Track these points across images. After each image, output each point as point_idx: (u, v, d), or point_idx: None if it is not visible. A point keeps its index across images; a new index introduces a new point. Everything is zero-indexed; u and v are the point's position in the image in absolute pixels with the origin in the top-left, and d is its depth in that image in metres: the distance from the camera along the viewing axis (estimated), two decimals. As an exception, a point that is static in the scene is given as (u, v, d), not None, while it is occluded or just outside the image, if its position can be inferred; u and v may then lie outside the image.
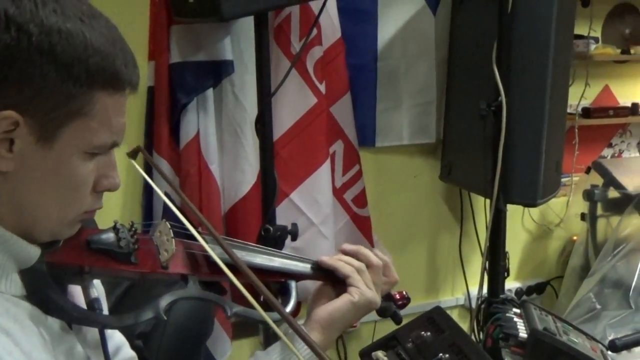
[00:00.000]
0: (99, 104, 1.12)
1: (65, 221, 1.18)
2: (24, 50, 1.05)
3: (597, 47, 3.79)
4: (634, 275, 3.37)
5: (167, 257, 1.27)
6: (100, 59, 1.10)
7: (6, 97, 1.07)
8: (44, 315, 1.18)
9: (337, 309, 1.50)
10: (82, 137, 1.12)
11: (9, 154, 1.08)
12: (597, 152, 3.91)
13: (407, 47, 3.26)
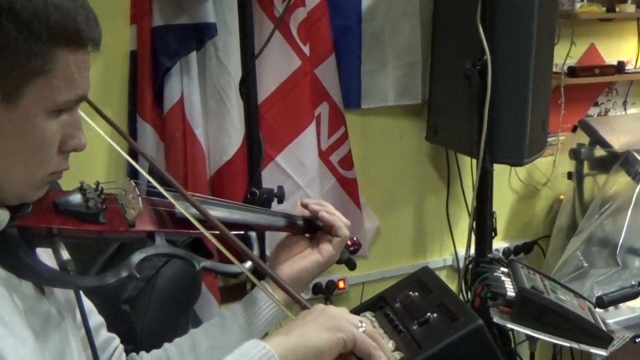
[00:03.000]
0: (61, 62, 1.11)
1: (32, 183, 1.18)
2: None
3: (582, 5, 3.78)
4: (620, 233, 3.39)
5: (133, 216, 1.27)
6: (61, 16, 1.10)
7: None
8: (17, 280, 1.18)
9: (304, 268, 1.56)
10: (45, 95, 1.12)
11: None
12: (583, 111, 3.91)
13: (392, 7, 3.25)
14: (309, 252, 1.56)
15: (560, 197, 3.81)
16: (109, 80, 2.82)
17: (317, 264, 1.54)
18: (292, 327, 1.22)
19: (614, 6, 3.86)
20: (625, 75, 3.95)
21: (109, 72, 2.81)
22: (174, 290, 2.05)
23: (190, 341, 1.53)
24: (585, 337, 2.38)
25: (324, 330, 1.21)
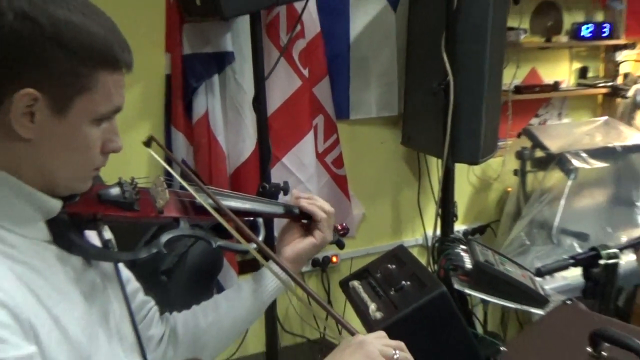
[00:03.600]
0: (101, 81, 1.11)
1: (79, 178, 1.19)
2: (37, 39, 1.05)
3: (526, 36, 3.79)
4: (555, 218, 3.42)
5: (162, 205, 1.28)
6: (101, 45, 1.10)
7: (26, 78, 1.06)
8: (68, 255, 1.18)
9: (302, 249, 1.55)
10: (88, 107, 1.11)
11: (30, 124, 1.08)
12: (526, 120, 3.92)
13: (373, 38, 3.25)
14: (306, 236, 1.56)
15: (507, 189, 3.82)
16: (150, 97, 2.82)
17: (312, 245, 1.54)
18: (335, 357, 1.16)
19: (551, 37, 3.87)
20: (559, 92, 3.96)
21: (149, 91, 2.81)
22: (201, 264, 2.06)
23: (213, 303, 1.53)
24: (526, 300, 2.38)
25: None
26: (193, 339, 1.50)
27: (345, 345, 1.17)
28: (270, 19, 2.87)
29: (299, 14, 2.86)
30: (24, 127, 1.08)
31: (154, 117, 2.83)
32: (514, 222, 3.59)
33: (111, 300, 1.29)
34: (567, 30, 3.95)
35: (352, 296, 2.28)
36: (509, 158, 3.76)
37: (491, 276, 2.46)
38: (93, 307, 1.22)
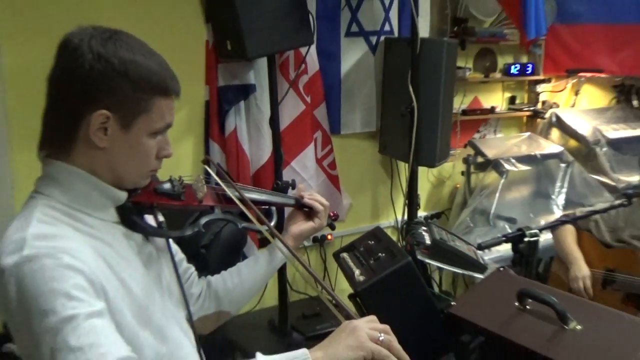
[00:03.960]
0: (157, 105, 1.13)
1: (140, 176, 1.21)
2: (109, 74, 1.07)
3: (470, 73, 3.78)
4: (492, 207, 3.42)
5: (201, 196, 1.31)
6: (157, 77, 1.12)
7: (101, 102, 1.08)
8: (131, 233, 1.21)
9: (305, 230, 1.56)
10: (147, 124, 1.13)
11: (104, 136, 1.10)
12: (470, 135, 3.91)
13: (358, 74, 3.24)
14: (307, 221, 1.56)
15: (457, 185, 3.82)
16: (194, 118, 2.81)
17: (312, 228, 1.56)
18: (328, 345, 1.10)
19: (488, 74, 3.88)
20: (495, 114, 3.97)
21: (194, 113, 2.81)
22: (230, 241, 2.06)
23: (237, 269, 1.54)
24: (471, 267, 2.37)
25: (350, 350, 1.08)
26: (222, 296, 1.50)
27: (341, 330, 1.13)
28: (282, 60, 2.86)
29: (303, 56, 2.86)
30: (99, 138, 1.10)
31: (197, 132, 2.82)
32: (461, 210, 3.59)
33: (163, 267, 1.30)
34: (500, 69, 3.95)
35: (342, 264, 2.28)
36: (457, 162, 3.75)
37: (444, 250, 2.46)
38: (150, 272, 1.23)
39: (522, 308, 1.58)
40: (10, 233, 1.05)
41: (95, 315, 0.99)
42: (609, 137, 3.96)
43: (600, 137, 3.96)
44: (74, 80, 1.07)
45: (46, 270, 0.98)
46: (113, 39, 1.09)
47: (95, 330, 0.98)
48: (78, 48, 1.07)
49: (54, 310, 0.96)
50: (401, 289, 2.05)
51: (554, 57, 4.08)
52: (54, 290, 0.97)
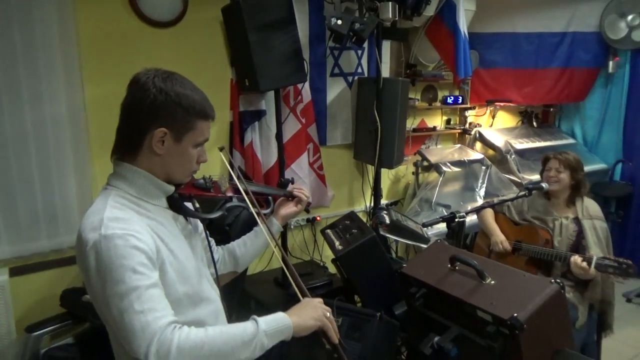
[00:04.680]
0: (199, 125, 1.13)
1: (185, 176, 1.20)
2: (169, 102, 1.07)
3: (418, 102, 3.77)
4: (433, 197, 3.41)
5: (224, 189, 1.30)
6: (200, 105, 1.12)
7: (161, 122, 1.08)
8: (177, 215, 1.20)
9: (290, 213, 1.54)
10: (192, 139, 1.13)
11: (162, 146, 1.10)
12: (419, 146, 3.88)
13: (339, 103, 3.22)
14: (292, 206, 1.55)
15: (409, 181, 3.80)
16: (222, 133, 2.78)
17: (294, 211, 1.54)
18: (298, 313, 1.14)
19: (432, 103, 3.86)
20: (436, 132, 3.94)
21: (222, 130, 2.78)
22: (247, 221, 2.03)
23: (242, 241, 1.52)
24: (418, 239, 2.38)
25: (313, 320, 1.14)
26: (234, 260, 1.49)
27: (306, 304, 1.18)
28: (285, 92, 2.83)
29: (300, 90, 2.84)
30: (158, 148, 1.10)
31: (224, 143, 2.79)
32: (412, 199, 3.57)
33: (198, 240, 1.29)
34: (440, 99, 3.93)
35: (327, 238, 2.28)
36: (409, 165, 3.73)
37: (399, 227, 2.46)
38: (190, 243, 1.23)
39: (452, 268, 1.58)
40: (90, 213, 1.06)
41: (153, 286, 1.01)
42: (516, 148, 3.99)
43: (510, 148, 3.98)
44: (142, 106, 1.08)
45: (118, 249, 0.99)
46: (170, 78, 1.11)
47: (152, 298, 0.99)
48: (145, 83, 1.09)
49: (124, 280, 0.98)
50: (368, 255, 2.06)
51: (477, 91, 4.08)
52: (124, 265, 0.99)
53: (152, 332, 0.96)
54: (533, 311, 1.30)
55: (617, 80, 4.24)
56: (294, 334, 1.11)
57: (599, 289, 2.39)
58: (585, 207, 2.50)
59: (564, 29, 4.11)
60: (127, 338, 0.97)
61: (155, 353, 0.95)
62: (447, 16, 3.29)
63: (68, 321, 2.16)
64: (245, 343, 1.03)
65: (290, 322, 1.10)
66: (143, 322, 0.96)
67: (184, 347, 0.97)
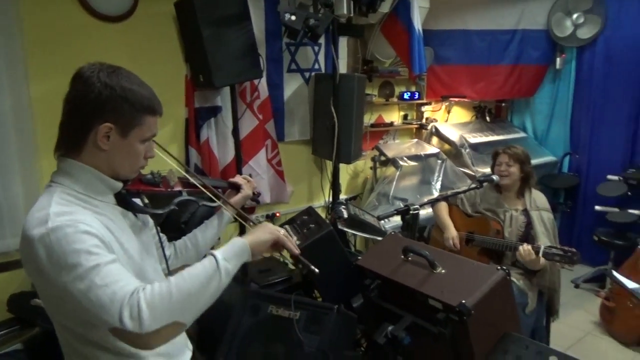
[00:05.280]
0: (146, 121, 1.12)
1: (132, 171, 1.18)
2: (114, 97, 1.06)
3: (376, 98, 3.82)
4: (390, 191, 3.47)
5: (173, 184, 1.30)
6: (147, 101, 1.11)
7: (107, 117, 1.06)
8: (126, 212, 1.19)
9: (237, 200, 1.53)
10: (139, 134, 1.12)
11: (107, 142, 1.08)
12: (377, 141, 3.92)
13: (296, 99, 3.23)
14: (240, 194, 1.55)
15: (367, 176, 3.84)
16: (177, 130, 2.73)
17: (241, 197, 1.54)
18: (253, 233, 1.21)
19: (389, 99, 3.92)
20: (393, 127, 4.00)
21: (177, 127, 2.73)
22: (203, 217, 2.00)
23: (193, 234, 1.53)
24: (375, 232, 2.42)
25: (267, 234, 1.22)
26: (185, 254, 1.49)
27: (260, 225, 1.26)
28: (241, 88, 2.82)
29: (256, 86, 2.84)
30: (103, 143, 1.08)
31: (179, 141, 2.75)
32: (370, 193, 3.61)
33: (148, 235, 1.28)
34: (396, 95, 3.99)
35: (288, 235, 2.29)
36: (367, 160, 3.77)
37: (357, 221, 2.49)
38: (139, 239, 1.22)
39: (405, 259, 1.62)
40: (35, 210, 1.04)
41: (112, 262, 1.01)
42: (471, 142, 4.10)
43: (465, 142, 4.09)
44: (86, 101, 1.06)
45: (69, 236, 0.98)
46: (116, 72, 1.09)
47: (113, 272, 0.99)
48: (89, 78, 1.07)
49: (80, 263, 0.97)
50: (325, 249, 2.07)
51: (433, 87, 4.16)
52: (78, 250, 0.98)
53: (120, 299, 0.96)
54: (480, 297, 1.35)
55: (564, 76, 4.43)
56: (253, 252, 1.17)
57: (547, 276, 2.51)
58: (533, 199, 2.61)
59: (514, 27, 4.26)
60: (98, 314, 0.96)
61: (129, 317, 0.95)
62: (401, 13, 3.35)
63: (16, 327, 2.09)
64: (211, 275, 1.06)
65: (245, 241, 1.16)
66: (109, 294, 0.96)
67: (154, 301, 0.97)
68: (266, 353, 1.85)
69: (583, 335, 3.28)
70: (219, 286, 1.08)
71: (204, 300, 1.05)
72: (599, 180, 4.13)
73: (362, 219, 2.57)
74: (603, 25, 4.10)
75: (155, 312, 0.96)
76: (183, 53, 2.67)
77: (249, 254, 1.16)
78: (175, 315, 0.99)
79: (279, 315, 1.88)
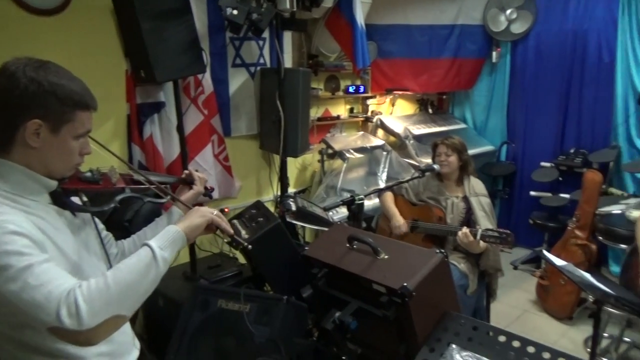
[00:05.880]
0: (79, 116, 1.09)
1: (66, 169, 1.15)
2: (42, 93, 1.04)
3: (322, 92, 3.87)
4: (338, 183, 3.53)
5: (114, 181, 1.26)
6: (78, 96, 1.09)
7: (35, 113, 1.04)
8: (62, 210, 1.16)
9: (189, 196, 1.52)
10: (71, 130, 1.09)
11: (37, 139, 1.06)
12: (324, 134, 3.97)
13: (242, 94, 3.21)
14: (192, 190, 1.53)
15: (315, 169, 3.88)
16: (119, 127, 2.65)
17: (193, 193, 1.52)
18: (185, 219, 1.24)
19: (335, 92, 3.98)
20: (340, 120, 4.06)
21: (118, 123, 2.64)
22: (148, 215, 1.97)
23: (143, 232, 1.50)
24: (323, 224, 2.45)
25: (199, 218, 1.25)
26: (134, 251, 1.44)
27: (192, 211, 1.28)
28: (185, 83, 2.77)
29: (200, 80, 2.80)
30: (33, 140, 1.05)
31: (122, 138, 2.67)
32: (319, 186, 3.66)
33: (89, 233, 1.26)
34: (342, 89, 4.05)
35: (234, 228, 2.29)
36: (315, 154, 3.81)
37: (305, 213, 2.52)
38: (78, 238, 1.19)
39: (351, 247, 1.67)
40: None
41: (45, 262, 0.99)
42: (415, 134, 4.23)
43: (409, 133, 4.22)
44: (11, 97, 1.02)
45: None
46: (43, 67, 1.06)
47: (47, 271, 0.97)
48: (14, 73, 1.03)
49: (11, 264, 0.95)
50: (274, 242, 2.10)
51: (377, 80, 4.27)
52: (7, 252, 0.95)
53: (56, 297, 0.94)
54: (420, 279, 1.42)
55: (500, 69, 4.66)
56: (188, 237, 1.19)
57: (490, 257, 2.65)
58: (472, 186, 2.75)
59: (453, 22, 4.43)
60: (34, 315, 0.94)
61: (67, 315, 0.93)
62: (344, 8, 3.40)
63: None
64: (148, 265, 1.07)
65: (179, 228, 1.18)
66: (45, 293, 0.94)
67: (91, 296, 0.96)
68: (217, 347, 1.86)
69: (521, 313, 3.49)
70: (157, 275, 1.09)
71: (142, 290, 1.05)
72: (534, 167, 4.39)
73: (310, 211, 2.61)
74: (534, 20, 4.34)
75: (94, 307, 0.95)
76: (122, 48, 2.60)
77: (184, 240, 1.18)
78: (114, 308, 0.99)
79: (228, 309, 1.89)
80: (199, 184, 1.54)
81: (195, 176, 1.54)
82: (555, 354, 1.27)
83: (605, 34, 3.97)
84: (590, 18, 4.04)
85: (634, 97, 3.80)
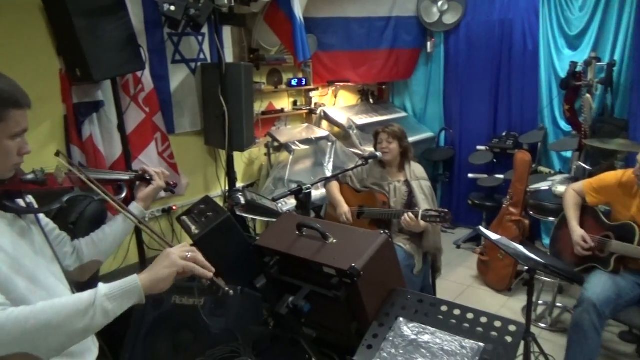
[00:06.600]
0: (12, 115, 1.07)
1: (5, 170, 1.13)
2: None
3: (265, 86, 3.88)
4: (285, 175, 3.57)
5: (61, 181, 1.23)
6: (8, 94, 1.07)
7: None
8: (4, 213, 1.14)
9: (148, 192, 1.51)
10: (6, 130, 1.07)
11: None
12: (269, 128, 3.99)
13: (184, 90, 3.18)
14: (151, 186, 1.52)
15: (262, 163, 3.90)
16: (55, 128, 2.57)
17: (152, 189, 1.51)
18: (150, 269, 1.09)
19: (277, 86, 4.01)
20: (284, 113, 4.09)
21: (55, 124, 2.56)
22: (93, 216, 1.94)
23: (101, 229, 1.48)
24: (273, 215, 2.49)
25: (166, 268, 1.08)
26: (92, 250, 1.44)
27: (159, 257, 1.12)
28: (124, 81, 2.73)
29: (140, 78, 2.76)
30: None
31: (59, 139, 2.59)
32: (266, 179, 3.68)
33: (35, 235, 1.23)
34: (285, 82, 4.09)
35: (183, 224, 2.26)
36: (261, 147, 3.83)
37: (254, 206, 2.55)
38: (23, 240, 1.17)
39: (300, 234, 1.72)
40: None
41: None
42: (357, 123, 4.34)
43: (352, 124, 4.31)
44: None
45: None
46: None
47: None
48: None
49: None
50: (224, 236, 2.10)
51: (319, 73, 4.33)
52: None
53: None
54: (367, 259, 1.50)
55: (435, 59, 4.85)
56: (147, 291, 1.05)
57: (430, 238, 2.79)
58: (413, 171, 2.87)
59: (388, 14, 4.56)
60: None
61: None
62: (282, 2, 3.43)
63: None
64: (81, 311, 0.97)
65: (137, 280, 1.04)
66: None
67: (6, 324, 0.92)
68: (174, 342, 1.87)
69: (465, 288, 3.69)
70: (89, 326, 0.98)
71: (64, 336, 0.96)
72: (470, 151, 4.62)
73: (259, 203, 2.64)
74: (464, 11, 4.54)
75: (2, 336, 0.91)
76: (55, 46, 2.51)
77: (140, 296, 1.05)
78: (24, 345, 0.92)
79: (182, 304, 1.89)
80: (158, 179, 1.51)
81: (151, 171, 1.51)
82: (492, 318, 1.38)
83: (529, 23, 4.23)
84: (515, 8, 4.29)
85: (556, 82, 4.08)
